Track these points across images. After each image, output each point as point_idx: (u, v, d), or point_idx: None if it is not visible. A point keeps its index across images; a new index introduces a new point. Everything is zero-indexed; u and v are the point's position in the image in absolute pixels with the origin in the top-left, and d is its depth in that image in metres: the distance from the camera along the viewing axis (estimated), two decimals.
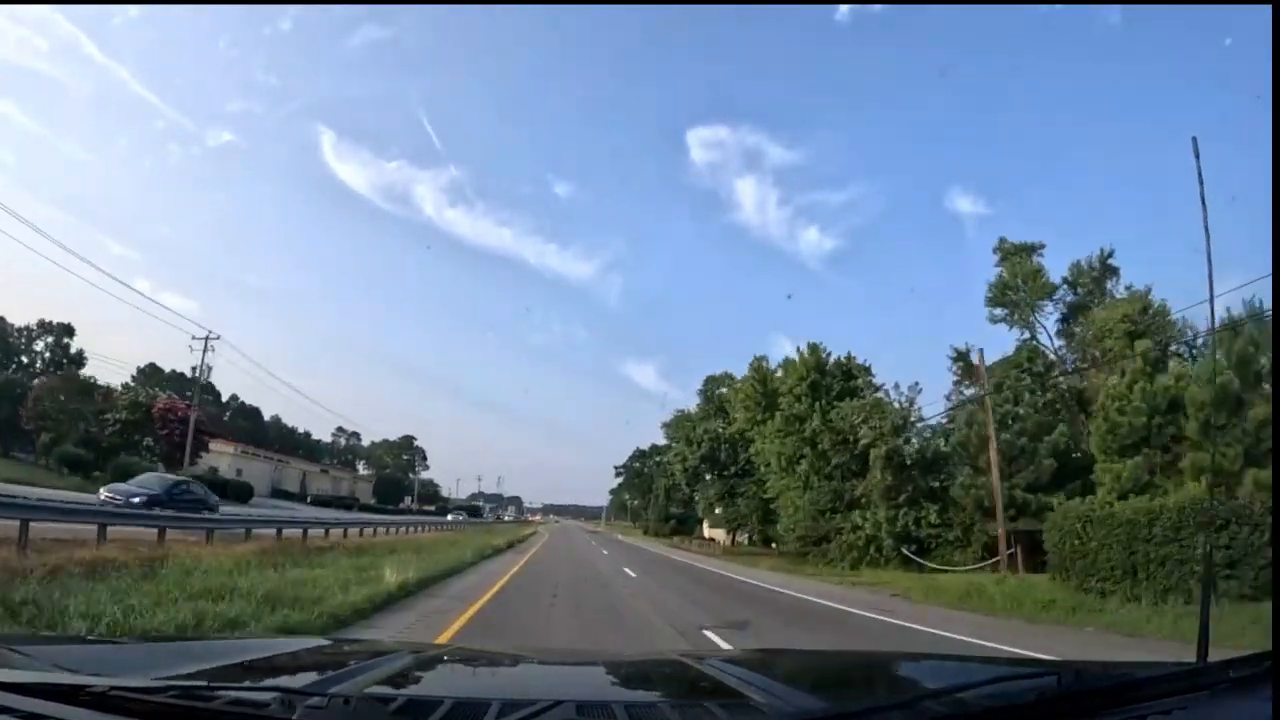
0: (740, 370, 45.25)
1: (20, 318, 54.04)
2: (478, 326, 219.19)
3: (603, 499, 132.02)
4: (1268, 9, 2.13)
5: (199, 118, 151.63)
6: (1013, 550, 19.56)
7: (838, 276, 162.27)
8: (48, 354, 53.61)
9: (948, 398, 30.52)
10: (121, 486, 18.15)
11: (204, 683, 1.17)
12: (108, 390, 42.02)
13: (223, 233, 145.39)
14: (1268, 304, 16.39)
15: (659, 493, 67.86)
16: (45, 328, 53.67)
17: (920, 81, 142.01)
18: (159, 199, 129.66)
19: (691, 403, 60.82)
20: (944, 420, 28.58)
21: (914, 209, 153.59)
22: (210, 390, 61.22)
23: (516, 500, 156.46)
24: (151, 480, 19.60)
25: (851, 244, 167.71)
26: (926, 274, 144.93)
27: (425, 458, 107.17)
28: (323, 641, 2.22)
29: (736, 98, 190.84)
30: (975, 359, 24.61)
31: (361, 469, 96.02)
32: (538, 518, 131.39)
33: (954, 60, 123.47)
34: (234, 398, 78.08)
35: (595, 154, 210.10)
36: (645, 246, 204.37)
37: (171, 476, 22.21)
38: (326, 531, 20.00)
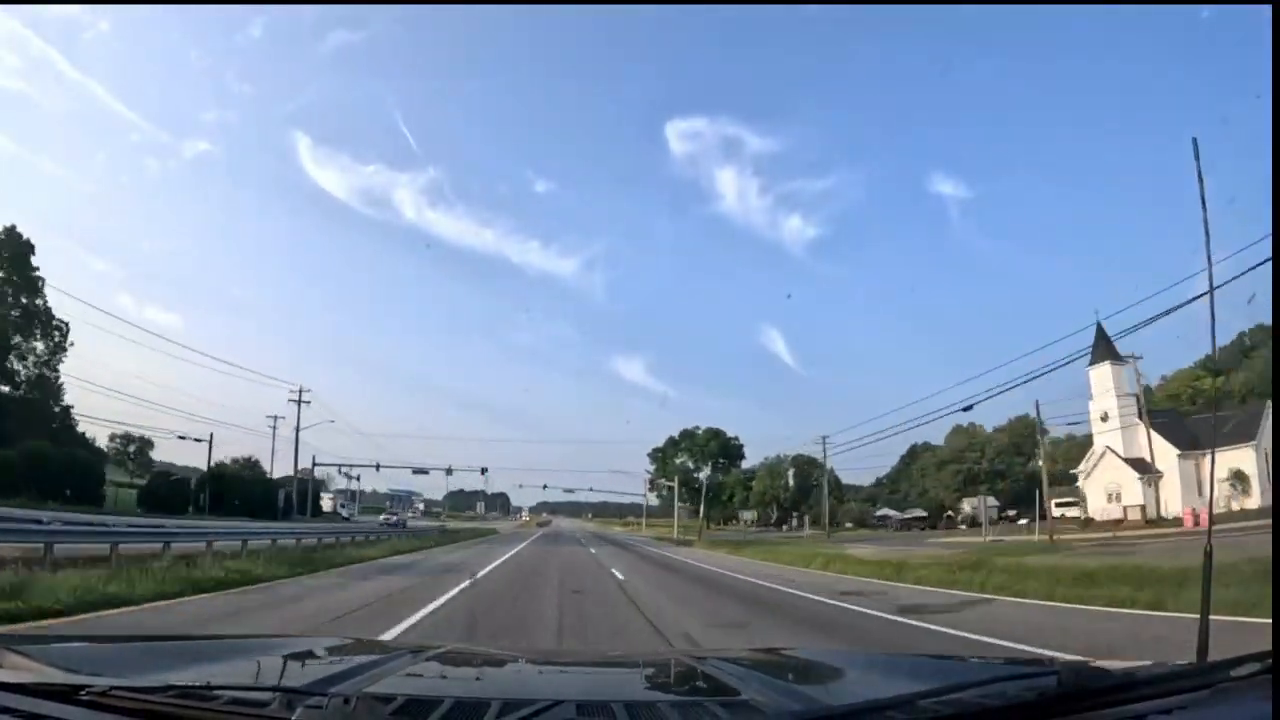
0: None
1: None
2: (463, 327, 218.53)
3: (616, 490, 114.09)
4: (1267, 9, 2.13)
5: (175, 129, 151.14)
6: None
7: (822, 264, 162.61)
8: None
9: None
10: None
11: (204, 683, 1.17)
12: None
13: (204, 243, 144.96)
14: (1266, 302, 16.48)
15: None
16: None
17: (900, 68, 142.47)
18: (138, 213, 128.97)
19: None
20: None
21: (895, 193, 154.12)
22: None
23: (503, 498, 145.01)
24: None
25: (834, 231, 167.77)
26: (911, 257, 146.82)
27: (62, 332, 41.79)
28: (323, 641, 2.22)
29: (713, 88, 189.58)
30: None
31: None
32: (527, 517, 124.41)
33: (937, 50, 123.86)
34: None
35: (574, 150, 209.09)
36: (629, 241, 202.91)
37: None
38: None
